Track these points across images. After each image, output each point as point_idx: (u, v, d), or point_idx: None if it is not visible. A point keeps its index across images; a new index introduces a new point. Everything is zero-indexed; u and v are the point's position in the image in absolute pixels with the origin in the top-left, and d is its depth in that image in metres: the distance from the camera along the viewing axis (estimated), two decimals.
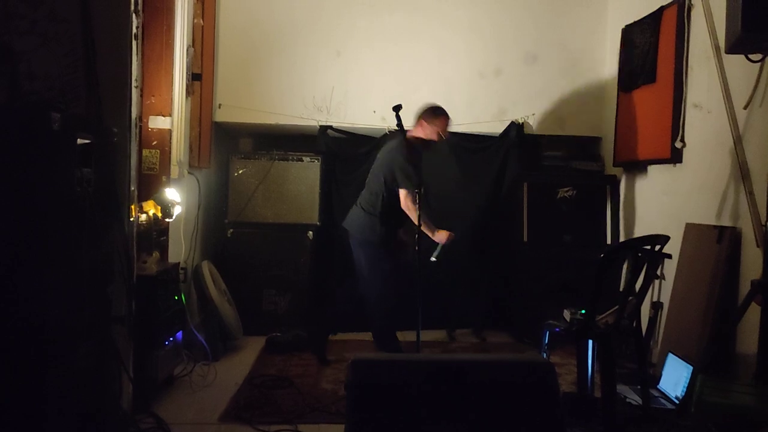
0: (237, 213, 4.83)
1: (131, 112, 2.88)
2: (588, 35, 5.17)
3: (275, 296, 4.80)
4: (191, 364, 3.68)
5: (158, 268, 3.26)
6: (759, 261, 3.20)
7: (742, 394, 2.44)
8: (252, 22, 4.97)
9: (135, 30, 2.91)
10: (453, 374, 1.84)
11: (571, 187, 4.90)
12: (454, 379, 1.82)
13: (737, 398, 2.32)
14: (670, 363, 3.58)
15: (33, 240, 2.18)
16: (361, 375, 1.83)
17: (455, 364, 1.91)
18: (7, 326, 2.13)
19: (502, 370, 1.90)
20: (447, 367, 1.89)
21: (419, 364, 1.96)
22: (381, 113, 5.03)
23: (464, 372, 1.85)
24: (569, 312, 3.29)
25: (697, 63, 3.86)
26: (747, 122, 3.38)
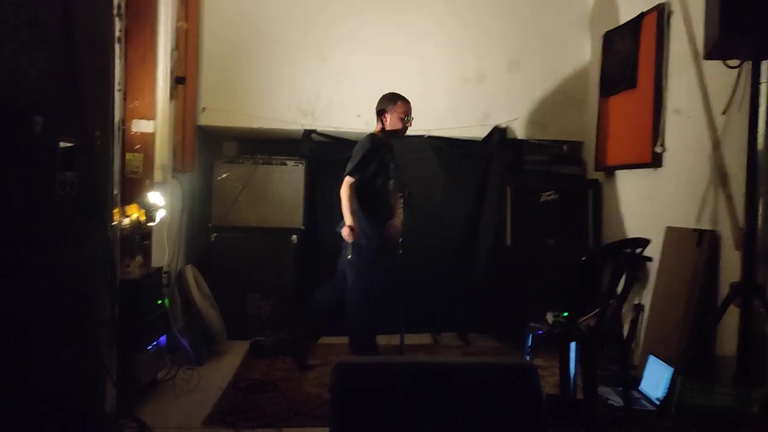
0: (221, 217, 4.82)
1: (114, 115, 2.87)
2: (570, 41, 5.23)
3: (259, 300, 4.79)
4: (175, 368, 3.66)
5: (141, 272, 3.25)
6: (737, 263, 3.26)
7: (721, 395, 2.48)
8: (236, 26, 4.97)
9: (118, 33, 2.90)
10: (437, 377, 1.85)
11: (553, 191, 4.94)
12: (437, 382, 1.83)
13: (717, 400, 2.36)
14: (651, 365, 3.62)
15: (15, 244, 2.17)
16: (345, 378, 1.84)
17: (439, 367, 1.92)
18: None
19: (485, 373, 1.92)
20: (431, 370, 1.90)
21: (403, 367, 1.96)
22: (365, 117, 5.03)
23: (448, 375, 1.86)
24: (552, 315, 3.32)
25: (677, 69, 3.91)
26: (725, 127, 3.43)
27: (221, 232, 4.80)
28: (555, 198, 4.93)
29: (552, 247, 4.87)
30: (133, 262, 3.20)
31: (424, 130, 5.05)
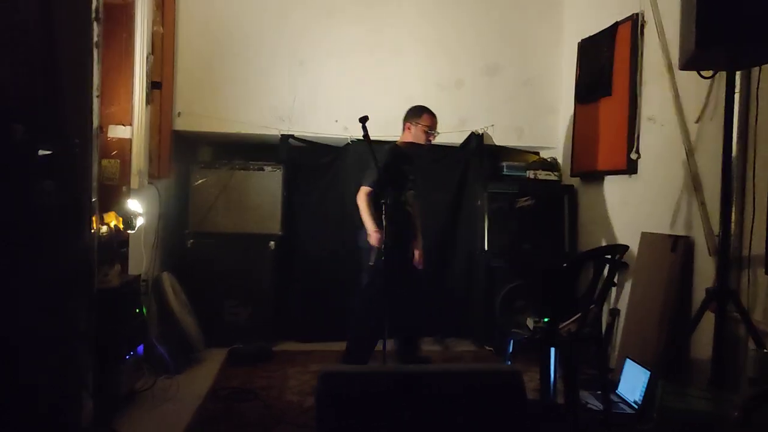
0: (197, 223, 4.76)
1: (92, 121, 2.82)
2: (545, 49, 5.30)
3: (237, 307, 4.75)
4: (153, 377, 3.60)
5: (120, 280, 3.19)
6: (711, 269, 3.34)
7: (701, 399, 2.52)
8: (212, 30, 4.92)
9: (96, 38, 2.85)
10: (422, 384, 1.85)
11: (529, 197, 5.00)
12: (423, 389, 1.84)
13: (697, 404, 2.40)
14: (628, 368, 3.68)
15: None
16: (331, 387, 1.83)
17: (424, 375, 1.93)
18: None
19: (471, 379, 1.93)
20: (416, 377, 1.90)
21: (388, 375, 1.96)
22: (343, 123, 5.04)
23: (433, 382, 1.87)
24: (532, 320, 3.36)
25: (651, 78, 3.99)
26: (699, 135, 3.51)
27: (198, 239, 4.75)
28: (531, 203, 4.99)
29: (528, 252, 4.92)
30: (112, 271, 3.15)
31: None
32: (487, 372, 2.01)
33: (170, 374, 3.73)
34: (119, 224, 3.25)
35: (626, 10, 4.19)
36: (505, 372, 2.02)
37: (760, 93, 3.00)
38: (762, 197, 2.97)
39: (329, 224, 5.07)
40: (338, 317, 4.94)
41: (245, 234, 4.80)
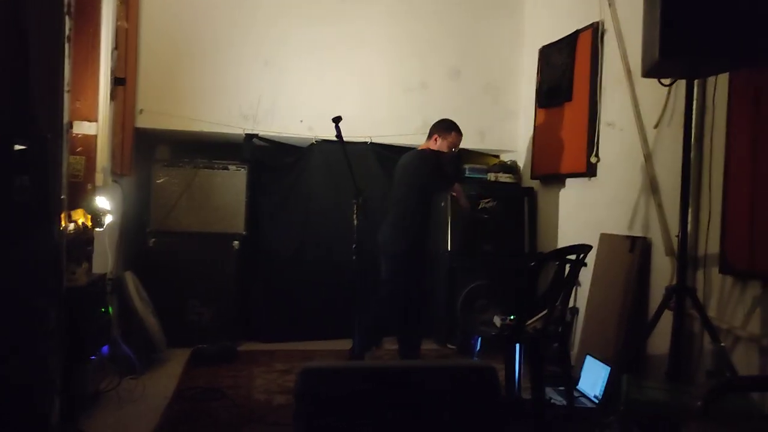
0: (159, 222, 4.70)
1: (63, 117, 2.77)
2: (506, 53, 5.43)
3: (200, 307, 4.70)
4: (117, 378, 3.54)
5: (87, 279, 3.14)
6: (668, 268, 3.50)
7: (660, 390, 2.65)
8: (176, 26, 4.86)
9: (67, 32, 2.80)
10: (400, 381, 1.89)
11: (491, 199, 5.11)
12: (401, 386, 1.87)
13: (662, 395, 2.52)
14: (588, 364, 3.81)
15: None
16: (310, 384, 1.85)
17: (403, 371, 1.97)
18: None
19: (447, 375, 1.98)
20: (395, 373, 1.94)
21: (367, 372, 2.00)
22: (308, 123, 5.05)
23: (411, 378, 1.91)
24: (499, 318, 3.45)
25: (611, 84, 4.15)
26: (657, 140, 3.67)
27: (160, 237, 4.68)
28: (493, 205, 5.10)
29: (489, 253, 5.03)
30: (79, 269, 3.09)
31: (366, 137, 5.12)
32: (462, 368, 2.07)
33: (135, 374, 3.67)
34: (87, 222, 3.19)
35: (587, 19, 4.35)
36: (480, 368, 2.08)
37: (716, 101, 3.17)
38: (717, 200, 3.13)
39: (293, 224, 5.07)
40: (302, 317, 4.97)
41: (209, 233, 4.76)
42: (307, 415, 1.81)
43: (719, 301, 3.16)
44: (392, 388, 1.85)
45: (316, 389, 1.84)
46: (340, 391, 1.84)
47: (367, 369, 2.12)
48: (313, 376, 1.87)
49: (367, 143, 5.11)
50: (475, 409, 1.88)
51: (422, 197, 4.28)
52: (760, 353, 2.89)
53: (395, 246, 4.21)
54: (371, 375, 1.94)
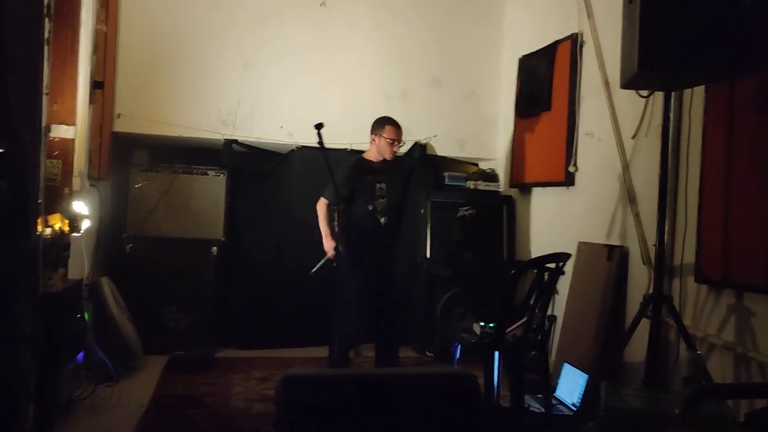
0: (137, 227, 4.64)
1: (41, 120, 2.73)
2: (485, 63, 5.48)
3: (177, 312, 4.65)
4: (92, 385, 3.48)
5: (63, 284, 3.08)
6: (645, 277, 3.55)
7: (638, 398, 2.68)
8: (155, 30, 4.82)
9: (47, 35, 2.77)
10: (381, 388, 1.89)
11: (470, 207, 5.14)
12: (382, 393, 1.87)
13: (640, 403, 2.55)
14: (566, 372, 3.84)
15: None
16: (291, 392, 1.84)
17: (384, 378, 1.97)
18: None
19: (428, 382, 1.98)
20: (376, 381, 1.94)
21: (348, 379, 1.99)
22: (288, 129, 5.04)
23: (392, 385, 1.91)
24: (479, 326, 3.46)
25: (589, 94, 4.21)
26: (634, 150, 3.73)
27: (137, 243, 4.63)
28: (472, 213, 5.13)
29: (468, 260, 5.05)
30: (56, 275, 3.03)
31: (347, 143, 5.11)
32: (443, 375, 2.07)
33: (111, 382, 3.61)
34: (64, 227, 3.14)
35: (566, 30, 4.41)
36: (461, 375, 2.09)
37: (692, 113, 3.23)
38: (693, 210, 3.19)
39: (273, 230, 5.05)
40: (281, 324, 4.94)
41: (187, 239, 4.71)
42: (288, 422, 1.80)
43: (695, 309, 3.21)
44: (373, 395, 1.85)
45: (297, 397, 1.83)
46: (321, 399, 1.83)
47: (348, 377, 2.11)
48: (295, 383, 1.86)
49: (347, 150, 5.10)
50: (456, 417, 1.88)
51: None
52: (735, 360, 2.94)
53: None
54: (352, 382, 1.93)
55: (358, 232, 4.06)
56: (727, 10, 2.71)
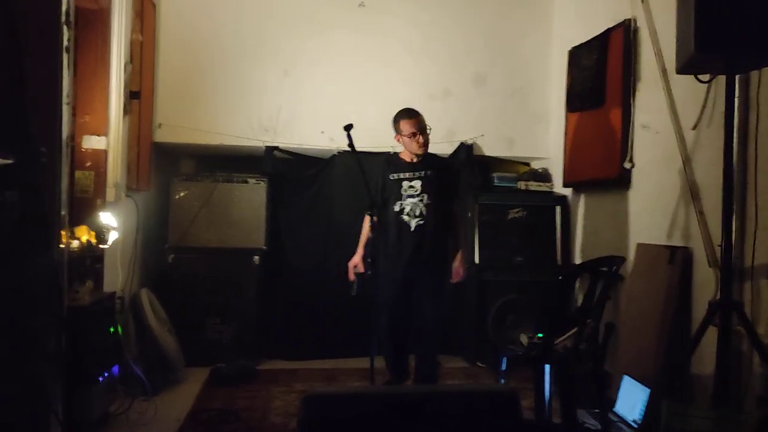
0: (178, 237, 4.60)
1: (62, 130, 2.67)
2: (534, 58, 5.21)
3: (219, 324, 4.58)
4: (128, 399, 3.42)
5: (91, 298, 3.02)
6: (711, 281, 3.22)
7: (704, 419, 2.40)
8: (194, 39, 4.79)
9: (66, 43, 2.71)
10: (412, 407, 1.73)
11: (521, 208, 4.89)
12: (413, 412, 1.71)
13: (704, 425, 2.28)
14: (626, 385, 3.54)
15: None
16: (314, 411, 1.71)
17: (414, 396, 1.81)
18: None
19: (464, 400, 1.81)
20: (405, 399, 1.78)
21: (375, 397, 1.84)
22: (329, 133, 4.91)
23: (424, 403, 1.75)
24: (526, 336, 3.22)
25: (645, 84, 3.90)
26: (696, 142, 3.41)
27: (179, 254, 4.58)
28: (523, 215, 4.88)
29: (520, 265, 4.80)
30: (83, 288, 2.98)
31: (389, 146, 4.94)
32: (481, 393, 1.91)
33: (148, 396, 3.54)
34: (92, 239, 3.09)
35: (618, 16, 4.11)
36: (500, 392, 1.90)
37: (761, 97, 2.90)
38: (764, 205, 2.86)
39: (315, 237, 4.93)
40: (325, 334, 4.80)
41: (228, 248, 4.64)
42: None
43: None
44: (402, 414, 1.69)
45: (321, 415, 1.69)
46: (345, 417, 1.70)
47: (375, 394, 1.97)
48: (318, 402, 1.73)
49: (390, 153, 4.92)
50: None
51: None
52: None
53: None
54: (379, 400, 1.79)
55: (387, 238, 3.87)
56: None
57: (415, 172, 3.91)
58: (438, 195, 3.90)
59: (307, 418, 1.67)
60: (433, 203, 3.87)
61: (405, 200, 3.88)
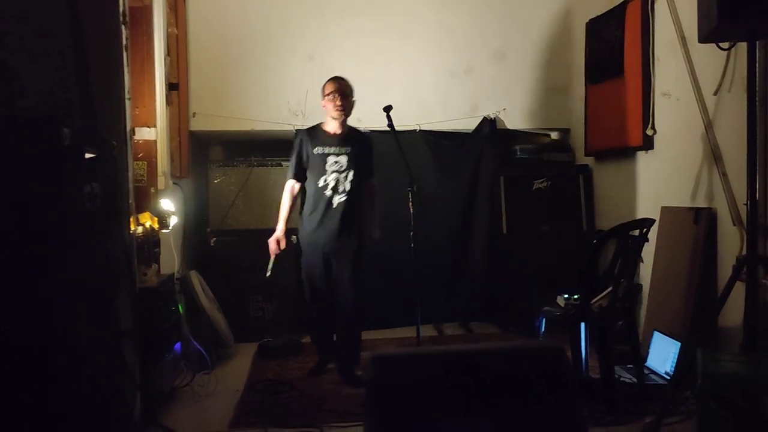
0: (219, 221, 4.82)
1: (126, 124, 2.86)
2: (553, 30, 5.33)
3: (262, 302, 4.80)
4: (190, 374, 3.65)
5: (158, 279, 3.24)
6: (736, 239, 3.40)
7: (737, 363, 2.58)
8: (221, 29, 4.95)
9: (125, 41, 2.89)
10: (471, 364, 1.88)
11: (545, 179, 5.05)
12: (471, 370, 1.86)
13: (735, 368, 2.46)
14: (657, 341, 3.74)
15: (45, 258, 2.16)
16: (381, 372, 1.85)
17: (472, 355, 1.96)
18: (15, 345, 2.10)
19: (516, 357, 1.96)
20: (464, 358, 1.93)
21: (436, 357, 1.99)
22: (356, 114, 5.02)
23: (481, 362, 1.89)
24: (562, 298, 3.42)
25: (664, 53, 4.03)
26: (717, 107, 3.56)
27: (220, 236, 4.80)
28: (547, 185, 5.04)
29: (547, 234, 4.98)
30: (150, 270, 3.20)
31: (416, 125, 5.11)
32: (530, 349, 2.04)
33: (207, 370, 3.78)
34: (154, 224, 3.30)
35: None
36: (548, 349, 2.05)
37: None
38: None
39: None
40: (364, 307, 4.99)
41: (267, 230, 4.76)
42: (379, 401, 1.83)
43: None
44: (460, 372, 1.85)
45: (386, 376, 1.85)
46: (410, 377, 1.85)
47: (436, 354, 2.12)
48: (383, 363, 1.89)
49: (416, 131, 5.10)
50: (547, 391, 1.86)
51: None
52: None
53: None
54: (440, 360, 1.94)
55: (309, 210, 3.81)
56: None
57: (342, 148, 3.79)
58: (361, 171, 3.83)
59: (374, 379, 1.83)
60: (356, 179, 3.79)
61: (330, 175, 3.75)
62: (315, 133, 3.86)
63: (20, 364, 2.06)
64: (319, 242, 3.80)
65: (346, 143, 3.80)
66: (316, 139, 3.81)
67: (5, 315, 2.03)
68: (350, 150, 3.79)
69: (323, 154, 3.77)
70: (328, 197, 3.75)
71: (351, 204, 3.77)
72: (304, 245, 3.90)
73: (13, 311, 2.04)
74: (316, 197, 3.77)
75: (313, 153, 3.77)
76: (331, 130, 3.85)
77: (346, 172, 3.76)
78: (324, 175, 3.74)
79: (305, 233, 3.87)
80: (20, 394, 2.05)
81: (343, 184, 3.76)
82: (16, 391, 2.03)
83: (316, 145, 3.79)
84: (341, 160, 3.76)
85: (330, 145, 3.78)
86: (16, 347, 2.04)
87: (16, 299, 2.04)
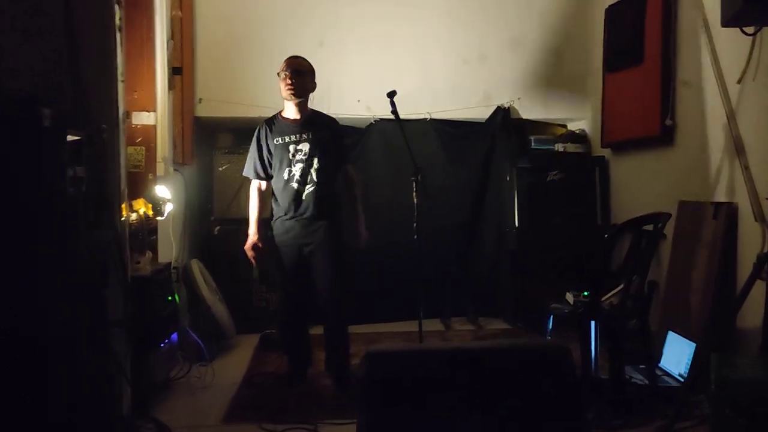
0: (223, 209, 4.73)
1: (119, 107, 2.76)
2: (570, 17, 5.15)
3: (266, 293, 4.71)
4: (187, 365, 3.57)
5: (152, 268, 3.16)
6: (757, 235, 3.22)
7: (753, 368, 2.44)
8: (230, 13, 4.84)
9: (118, 22, 2.79)
10: (469, 362, 1.79)
11: (559, 171, 4.89)
12: (471, 367, 1.77)
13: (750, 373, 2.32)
14: (671, 341, 3.58)
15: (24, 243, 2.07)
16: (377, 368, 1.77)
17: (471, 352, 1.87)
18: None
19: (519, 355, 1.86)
20: (463, 355, 1.84)
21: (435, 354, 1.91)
22: (365, 102, 4.95)
23: (481, 359, 1.81)
24: (572, 295, 3.27)
25: (685, 40, 3.85)
26: (740, 96, 3.37)
27: (224, 225, 4.71)
28: (561, 177, 4.88)
29: (560, 227, 4.82)
30: (143, 258, 3.11)
31: (426, 113, 4.98)
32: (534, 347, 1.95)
33: (204, 361, 3.69)
34: (149, 211, 3.21)
35: None
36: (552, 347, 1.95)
37: None
38: None
39: None
40: (365, 300, 4.88)
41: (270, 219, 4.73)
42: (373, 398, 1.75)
43: None
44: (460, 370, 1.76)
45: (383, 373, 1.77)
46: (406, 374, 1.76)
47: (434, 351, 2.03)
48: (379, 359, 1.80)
49: (426, 119, 4.96)
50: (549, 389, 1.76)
51: None
52: None
53: None
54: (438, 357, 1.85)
55: (280, 212, 3.49)
56: None
57: (302, 134, 3.44)
58: (329, 157, 3.48)
59: (370, 375, 1.74)
60: (324, 167, 3.44)
61: (294, 166, 3.43)
62: (274, 123, 3.53)
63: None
64: (296, 238, 3.46)
65: (306, 129, 3.45)
66: (275, 130, 3.48)
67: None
68: (311, 136, 3.43)
69: (284, 143, 3.43)
70: (295, 189, 3.41)
71: (322, 194, 3.43)
72: (279, 243, 3.52)
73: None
74: (285, 192, 3.44)
75: (274, 144, 3.45)
76: (289, 116, 3.50)
77: (310, 159, 3.41)
78: (289, 167, 3.42)
79: (279, 233, 3.52)
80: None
81: (310, 174, 3.42)
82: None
83: (275, 135, 3.46)
84: (303, 148, 3.41)
85: (289, 133, 3.44)
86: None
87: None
